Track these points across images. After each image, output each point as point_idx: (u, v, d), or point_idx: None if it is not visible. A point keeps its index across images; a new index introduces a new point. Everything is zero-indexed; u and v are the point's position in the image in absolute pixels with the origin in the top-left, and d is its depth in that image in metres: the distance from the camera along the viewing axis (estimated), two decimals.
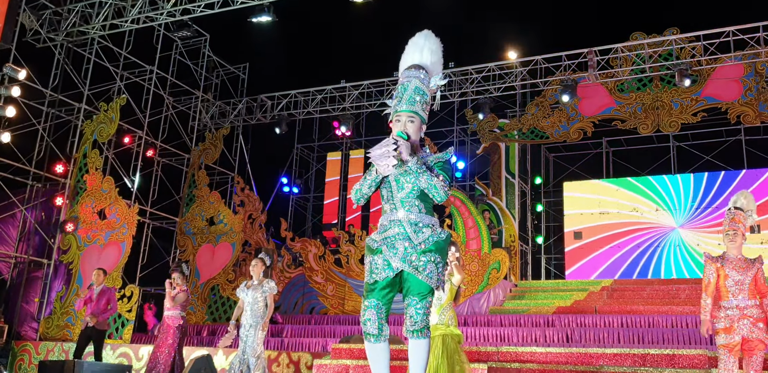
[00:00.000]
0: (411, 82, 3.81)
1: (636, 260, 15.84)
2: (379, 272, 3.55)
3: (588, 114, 15.06)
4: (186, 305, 8.73)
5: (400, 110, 3.75)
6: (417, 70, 3.85)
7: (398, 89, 3.83)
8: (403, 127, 3.69)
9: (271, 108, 16.84)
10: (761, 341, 5.11)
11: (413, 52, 3.94)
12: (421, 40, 3.99)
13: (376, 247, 3.59)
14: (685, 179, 15.92)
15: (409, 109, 3.75)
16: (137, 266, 13.98)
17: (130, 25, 13.37)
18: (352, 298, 14.02)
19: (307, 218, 20.02)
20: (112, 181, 13.20)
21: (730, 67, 13.78)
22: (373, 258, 3.58)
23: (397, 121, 3.74)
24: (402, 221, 3.58)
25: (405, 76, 3.84)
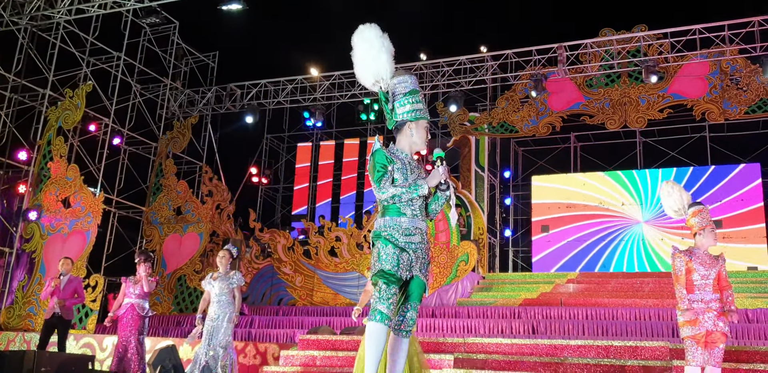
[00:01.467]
0: (419, 91, 4.05)
1: (601, 253, 16.08)
2: (404, 269, 3.75)
3: (557, 109, 15.20)
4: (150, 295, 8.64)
5: (424, 116, 3.99)
6: (416, 78, 4.10)
7: (413, 96, 3.98)
8: (425, 135, 3.98)
9: (240, 97, 16.68)
10: (723, 334, 5.24)
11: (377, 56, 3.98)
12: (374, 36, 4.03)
13: (401, 246, 3.77)
14: (652, 175, 16.18)
15: (428, 116, 4.04)
16: (102, 255, 13.80)
17: (97, 10, 13.14)
18: (321, 289, 14.01)
19: (276, 208, 19.92)
20: (77, 169, 12.98)
21: (696, 65, 14.00)
22: (401, 254, 3.75)
23: (422, 128, 3.97)
24: (423, 231, 3.87)
25: (412, 82, 4.01)
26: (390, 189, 3.77)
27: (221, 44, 17.56)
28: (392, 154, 3.93)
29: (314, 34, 17.55)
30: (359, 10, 15.78)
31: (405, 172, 3.89)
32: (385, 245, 3.80)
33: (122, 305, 8.39)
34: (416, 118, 3.99)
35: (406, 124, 3.99)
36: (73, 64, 14.58)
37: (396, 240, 3.78)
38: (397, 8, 15.91)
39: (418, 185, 3.77)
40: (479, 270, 14.68)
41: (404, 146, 4.01)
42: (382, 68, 3.99)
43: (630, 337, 9.49)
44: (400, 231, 3.82)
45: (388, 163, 3.87)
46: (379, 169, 3.84)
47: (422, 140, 3.99)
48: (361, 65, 4.02)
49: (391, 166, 3.87)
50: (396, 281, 3.71)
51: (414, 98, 3.99)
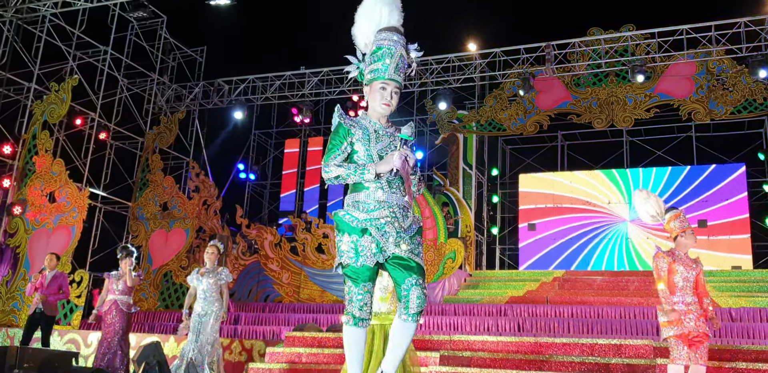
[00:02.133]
0: (396, 47, 3.50)
1: (587, 251, 16.17)
2: (369, 255, 3.32)
3: (544, 107, 15.24)
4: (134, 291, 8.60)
5: (388, 77, 3.47)
6: (399, 36, 3.53)
7: (379, 52, 3.50)
8: (389, 97, 3.47)
9: (228, 92, 16.61)
10: (705, 333, 5.31)
11: (384, 10, 3.56)
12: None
13: (361, 227, 3.35)
14: (638, 173, 16.27)
15: (398, 78, 3.50)
16: (88, 250, 13.71)
17: (84, 4, 13.05)
18: (308, 286, 14.00)
19: (263, 205, 19.87)
20: (62, 164, 12.88)
21: (683, 65, 14.08)
22: (359, 239, 3.33)
23: (382, 89, 3.48)
24: (391, 204, 3.40)
25: (386, 39, 3.50)
26: (334, 168, 3.35)
27: (209, 39, 17.49)
28: (355, 123, 3.50)
29: (302, 31, 17.49)
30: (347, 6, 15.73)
31: (367, 142, 3.46)
32: (340, 233, 3.41)
33: (106, 301, 8.35)
34: (369, 81, 3.53)
35: (364, 89, 3.60)
36: (60, 58, 14.48)
37: (354, 219, 3.36)
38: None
39: (365, 169, 3.32)
40: (466, 268, 14.72)
41: (371, 113, 3.57)
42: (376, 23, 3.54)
43: (615, 335, 9.56)
44: (360, 208, 3.40)
45: (344, 136, 3.44)
46: (331, 146, 3.46)
47: (377, 104, 3.49)
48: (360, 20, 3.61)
49: (349, 138, 3.45)
50: (362, 274, 3.33)
51: (377, 56, 3.49)
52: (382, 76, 3.48)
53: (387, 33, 3.51)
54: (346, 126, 3.47)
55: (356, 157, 3.46)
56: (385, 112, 3.50)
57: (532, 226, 16.71)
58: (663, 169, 16.16)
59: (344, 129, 3.46)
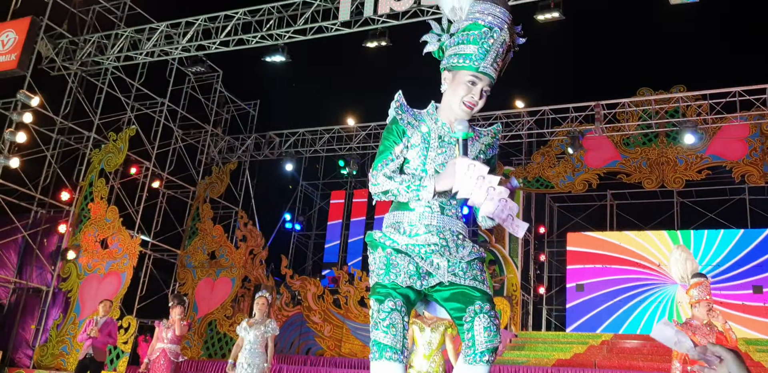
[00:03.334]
0: (501, 29, 2.65)
1: (636, 314, 15.74)
2: (402, 274, 2.56)
3: (593, 166, 15.18)
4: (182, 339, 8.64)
5: (482, 70, 2.65)
6: (505, 11, 2.67)
7: (475, 30, 2.65)
8: (478, 95, 2.67)
9: (278, 145, 16.95)
10: None
11: None
12: None
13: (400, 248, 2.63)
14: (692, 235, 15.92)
15: (493, 74, 2.68)
16: (136, 297, 13.86)
17: (144, 58, 13.57)
18: (350, 340, 13.86)
19: (307, 255, 19.95)
20: (116, 211, 13.20)
21: (736, 127, 13.95)
22: (397, 256, 2.60)
23: (470, 84, 2.66)
24: (442, 230, 2.67)
25: (489, 13, 2.65)
26: (383, 180, 2.60)
27: (262, 93, 17.98)
28: (414, 120, 2.71)
29: (352, 86, 17.88)
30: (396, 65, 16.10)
31: (423, 150, 2.67)
32: (374, 250, 2.68)
33: (155, 349, 8.39)
34: (454, 67, 2.69)
35: (443, 73, 2.77)
36: (119, 109, 15.00)
37: (392, 241, 2.63)
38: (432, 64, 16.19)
39: (420, 186, 2.56)
40: (512, 328, 14.43)
41: (442, 111, 2.75)
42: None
43: None
44: (400, 230, 2.66)
45: (399, 137, 2.68)
46: (383, 148, 2.69)
47: (457, 101, 2.66)
48: None
49: (404, 140, 2.67)
50: (391, 291, 2.52)
51: (471, 36, 2.65)
52: (474, 67, 2.64)
53: (489, 5, 2.66)
54: (401, 124, 2.70)
55: (406, 168, 2.71)
56: (464, 115, 2.69)
57: (580, 286, 16.39)
58: (715, 232, 15.81)
59: (399, 128, 2.69)
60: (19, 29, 13.20)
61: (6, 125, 12.86)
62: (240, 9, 12.33)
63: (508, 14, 2.66)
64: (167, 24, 13.05)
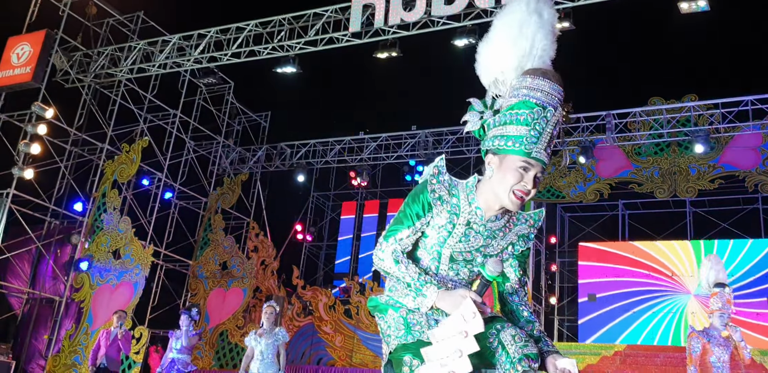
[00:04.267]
0: (554, 110, 2.39)
1: (651, 325, 15.59)
2: (425, 331, 2.41)
3: (605, 176, 15.14)
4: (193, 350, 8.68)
5: (536, 155, 2.35)
6: (558, 88, 2.40)
7: (526, 111, 2.36)
8: (531, 184, 2.39)
9: (290, 156, 17.02)
10: None
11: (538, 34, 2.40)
12: (548, 13, 2.43)
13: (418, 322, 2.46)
14: (703, 245, 15.80)
15: (545, 158, 2.39)
16: (148, 307, 13.90)
17: (157, 70, 13.70)
18: (361, 351, 13.82)
19: (318, 266, 19.95)
20: (128, 222, 13.28)
21: (749, 136, 13.88)
22: (414, 315, 2.46)
23: (522, 170, 2.36)
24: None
25: (540, 90, 2.37)
26: (390, 262, 2.43)
27: (273, 104, 18.09)
28: (446, 193, 2.46)
29: (363, 97, 17.97)
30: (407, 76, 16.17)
31: (446, 232, 2.45)
32: (383, 313, 2.51)
33: (167, 359, 8.44)
34: (500, 150, 2.38)
35: (488, 156, 2.46)
36: (132, 120, 15.13)
37: (401, 304, 2.49)
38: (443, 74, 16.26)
39: (419, 294, 2.38)
40: None
41: (482, 194, 2.46)
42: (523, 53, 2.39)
43: None
44: (406, 292, 2.50)
45: (424, 210, 2.44)
46: (402, 215, 2.47)
47: (505, 189, 2.36)
48: (497, 43, 2.44)
49: (427, 215, 2.45)
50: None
51: (520, 116, 2.35)
52: (526, 151, 2.34)
53: (542, 80, 2.37)
54: (431, 197, 2.45)
55: (421, 243, 2.51)
56: (513, 206, 2.41)
57: (592, 297, 16.28)
58: (728, 242, 15.67)
59: (426, 199, 2.45)
60: (34, 42, 13.37)
61: (21, 137, 13.00)
62: (251, 21, 12.44)
63: (560, 90, 2.38)
64: (179, 36, 13.19)
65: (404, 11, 10.92)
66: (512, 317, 2.59)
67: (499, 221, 2.49)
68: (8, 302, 13.23)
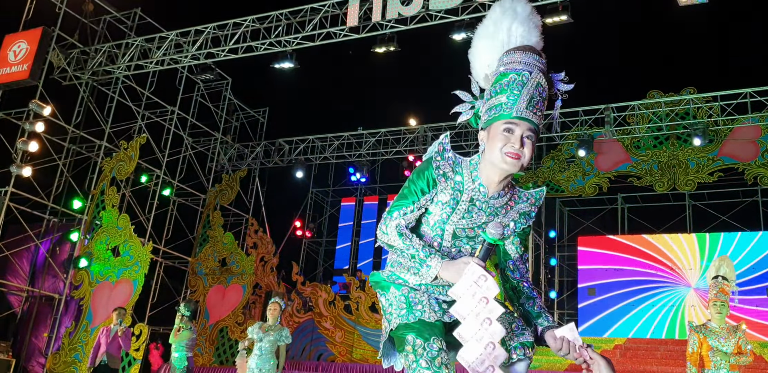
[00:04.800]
0: (534, 74, 2.41)
1: (650, 318, 15.60)
2: (427, 310, 2.44)
3: (604, 169, 15.13)
4: (192, 346, 8.70)
5: (517, 115, 2.37)
6: (537, 57, 2.45)
7: (504, 80, 2.43)
8: (518, 143, 2.36)
9: (288, 152, 16.99)
10: None
11: (515, 28, 2.51)
12: (521, 8, 2.55)
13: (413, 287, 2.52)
14: (701, 239, 15.80)
15: (532, 118, 2.39)
16: (147, 304, 13.89)
17: (154, 67, 13.66)
18: (361, 346, 13.83)
19: (318, 262, 19.95)
20: (127, 219, 13.26)
21: (748, 129, 13.88)
22: (416, 293, 2.50)
23: (506, 132, 2.38)
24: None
25: (516, 61, 2.43)
26: (394, 236, 2.43)
27: (271, 100, 18.06)
28: (450, 170, 2.49)
29: (361, 93, 17.94)
30: (405, 70, 16.15)
31: (449, 208, 2.47)
32: (383, 290, 2.55)
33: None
34: (488, 122, 2.45)
35: (480, 134, 2.53)
36: (129, 117, 15.09)
37: (403, 281, 2.53)
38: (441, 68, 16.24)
39: (423, 265, 2.37)
40: None
41: (483, 170, 2.48)
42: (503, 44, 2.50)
43: None
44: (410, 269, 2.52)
45: (428, 186, 2.47)
46: (406, 192, 2.50)
47: (497, 153, 2.38)
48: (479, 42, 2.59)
49: (433, 191, 2.47)
50: (431, 329, 2.37)
51: (501, 86, 2.42)
52: (508, 114, 2.38)
53: (518, 54, 2.45)
54: (435, 173, 2.48)
55: (424, 220, 2.54)
56: (509, 167, 2.38)
57: (591, 290, 16.29)
58: (729, 235, 15.64)
59: (431, 176, 2.47)
60: (31, 40, 13.32)
61: (18, 135, 12.98)
62: (248, 16, 12.40)
63: (537, 58, 2.44)
64: (177, 33, 13.15)
65: (402, 5, 10.88)
66: (513, 294, 2.61)
67: (502, 198, 2.51)
68: (7, 300, 13.22)
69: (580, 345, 2.25)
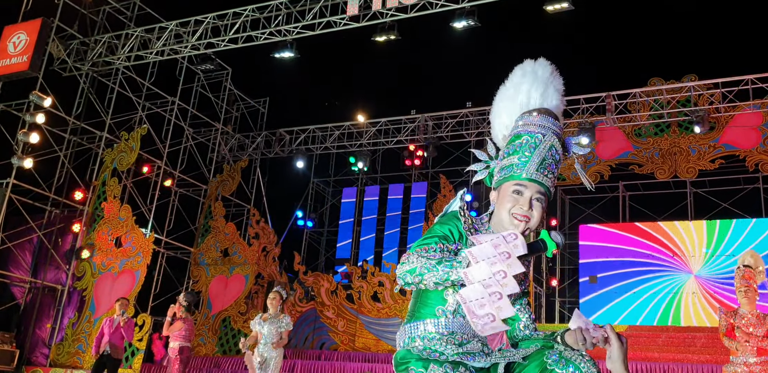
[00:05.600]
0: (547, 137, 2.44)
1: (652, 306, 15.63)
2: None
3: (605, 157, 15.12)
4: (188, 336, 8.77)
5: (527, 177, 2.38)
6: (553, 120, 2.49)
7: (517, 141, 2.46)
8: (527, 206, 2.35)
9: (289, 142, 16.98)
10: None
11: (534, 90, 2.55)
12: (542, 72, 2.61)
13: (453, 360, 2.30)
14: (702, 226, 15.80)
15: (543, 180, 2.40)
16: (150, 295, 13.95)
17: (154, 57, 13.63)
18: (363, 335, 13.88)
19: (320, 252, 19.98)
20: (129, 210, 13.29)
21: (749, 115, 13.85)
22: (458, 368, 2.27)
23: (516, 194, 2.38)
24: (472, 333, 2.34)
25: (531, 123, 2.47)
26: (414, 260, 2.20)
27: (272, 90, 18.02)
28: (473, 229, 2.42)
29: (362, 82, 17.90)
30: (405, 59, 16.09)
31: None
32: (418, 368, 2.28)
33: None
34: (498, 183, 2.48)
35: (491, 194, 2.54)
36: (130, 108, 15.08)
37: (442, 354, 2.29)
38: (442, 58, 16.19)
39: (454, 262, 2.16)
40: None
41: (495, 225, 2.46)
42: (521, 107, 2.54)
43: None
44: (447, 340, 2.31)
45: (453, 239, 2.35)
46: (430, 240, 2.31)
47: (506, 214, 2.38)
48: (500, 104, 2.64)
49: (457, 247, 2.33)
50: None
51: (514, 147, 2.46)
52: (518, 175, 2.39)
53: (533, 116, 2.48)
54: (463, 226, 2.39)
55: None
56: (515, 229, 2.33)
57: (593, 278, 16.31)
58: (729, 222, 15.65)
59: (457, 226, 2.38)
60: (30, 31, 13.29)
61: (19, 126, 12.97)
62: (248, 6, 12.36)
63: (553, 121, 2.46)
64: (177, 23, 13.11)
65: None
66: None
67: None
68: (10, 292, 13.28)
69: (593, 328, 2.17)
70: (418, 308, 2.41)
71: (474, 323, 2.10)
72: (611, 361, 2.07)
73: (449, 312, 2.33)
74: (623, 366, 2.05)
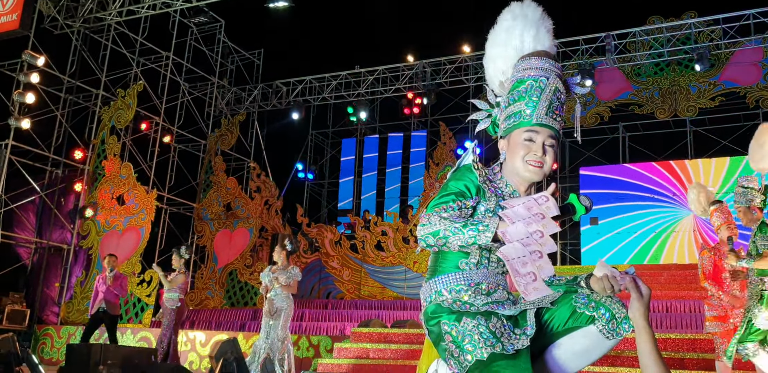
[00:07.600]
0: (551, 79, 2.41)
1: (653, 244, 15.78)
2: (516, 337, 2.21)
3: (605, 99, 15.00)
4: (185, 288, 8.93)
5: (537, 122, 2.37)
6: (552, 63, 2.45)
7: (521, 87, 2.42)
8: (541, 151, 2.36)
9: (286, 94, 16.84)
10: None
11: (527, 33, 2.52)
12: (532, 13, 2.57)
13: (484, 310, 2.26)
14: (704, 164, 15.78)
15: (553, 124, 2.41)
16: (155, 251, 14.10)
17: (146, 11, 13.41)
18: (368, 283, 14.09)
19: (322, 203, 20.07)
20: (130, 167, 13.31)
21: (750, 51, 13.65)
22: (487, 321, 2.21)
23: (528, 141, 2.37)
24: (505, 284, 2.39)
25: (533, 67, 2.42)
26: (436, 222, 2.15)
27: (266, 42, 17.75)
28: (488, 181, 2.39)
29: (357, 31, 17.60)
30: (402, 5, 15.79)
31: (493, 214, 2.29)
32: (451, 322, 2.22)
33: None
34: (507, 130, 2.45)
35: (500, 142, 2.52)
36: (124, 65, 14.92)
37: (472, 305, 2.26)
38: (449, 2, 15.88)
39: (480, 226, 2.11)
40: None
41: (507, 174, 2.45)
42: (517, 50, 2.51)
43: (685, 330, 9.34)
44: (474, 290, 2.30)
45: (471, 194, 2.30)
46: (447, 190, 2.30)
47: (520, 162, 2.37)
48: (492, 50, 2.60)
49: (477, 198, 2.31)
50: (521, 362, 2.13)
51: (518, 94, 2.42)
52: (528, 121, 2.37)
53: (534, 60, 2.44)
54: (480, 180, 2.34)
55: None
56: (532, 175, 2.38)
57: (594, 220, 16.41)
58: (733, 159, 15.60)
59: (475, 181, 2.33)
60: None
61: (14, 87, 12.87)
62: None
63: (553, 63, 2.44)
64: None
65: None
66: None
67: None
68: (17, 253, 13.43)
69: (620, 275, 2.18)
70: (439, 263, 2.37)
71: (517, 281, 2.07)
72: (632, 310, 2.12)
73: (473, 264, 2.33)
74: (643, 317, 2.09)
